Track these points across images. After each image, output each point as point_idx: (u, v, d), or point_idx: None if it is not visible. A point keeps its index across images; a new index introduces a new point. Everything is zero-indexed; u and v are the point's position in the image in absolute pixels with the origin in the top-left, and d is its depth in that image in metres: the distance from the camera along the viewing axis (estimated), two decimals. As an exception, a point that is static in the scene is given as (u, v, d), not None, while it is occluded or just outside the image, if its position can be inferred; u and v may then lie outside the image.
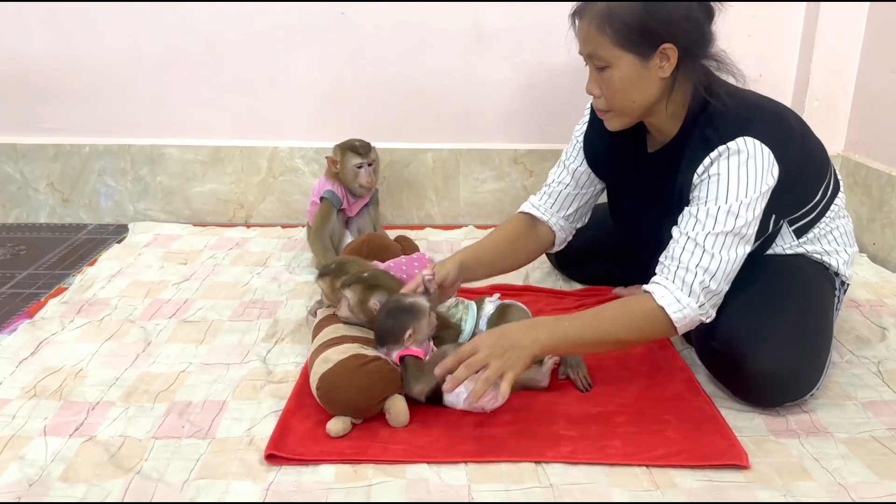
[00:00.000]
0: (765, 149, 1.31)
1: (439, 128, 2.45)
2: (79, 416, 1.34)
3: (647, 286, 1.33)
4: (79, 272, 2.04)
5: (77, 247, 2.28)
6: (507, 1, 2.29)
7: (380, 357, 1.34)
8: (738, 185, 1.30)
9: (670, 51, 1.30)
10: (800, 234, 1.47)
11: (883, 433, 1.31)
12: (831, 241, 1.50)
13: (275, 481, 1.18)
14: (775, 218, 1.42)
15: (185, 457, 1.23)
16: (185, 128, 2.44)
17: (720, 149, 1.31)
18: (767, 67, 2.36)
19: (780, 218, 1.44)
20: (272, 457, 1.22)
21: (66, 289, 1.91)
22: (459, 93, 2.40)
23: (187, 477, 1.18)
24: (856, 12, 2.24)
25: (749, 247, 1.34)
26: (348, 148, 1.97)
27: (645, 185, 1.50)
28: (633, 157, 1.53)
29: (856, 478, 1.19)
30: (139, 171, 2.47)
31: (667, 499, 1.14)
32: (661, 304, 1.29)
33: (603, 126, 1.45)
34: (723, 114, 1.34)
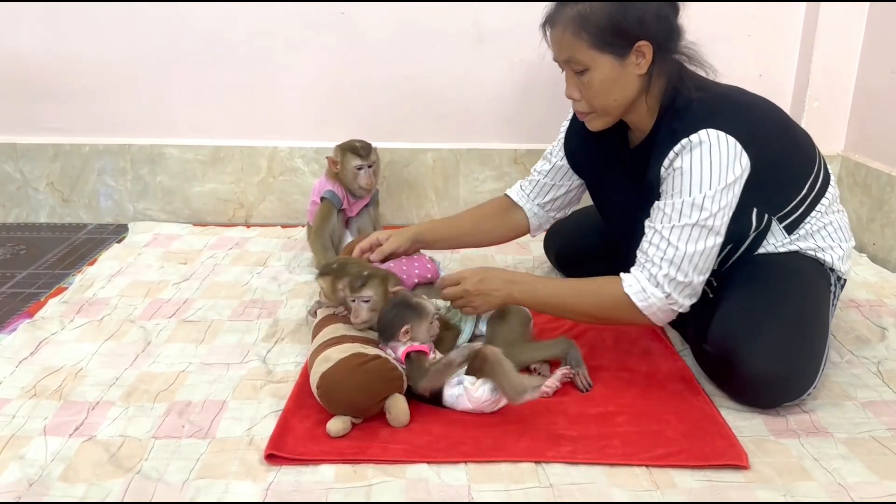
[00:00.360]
0: (729, 139, 1.32)
1: (439, 128, 2.45)
2: (79, 415, 1.34)
3: (624, 276, 1.40)
4: (79, 272, 2.04)
5: (77, 246, 2.28)
6: (507, 1, 2.29)
7: (380, 356, 1.34)
8: (702, 177, 1.32)
9: (645, 48, 1.34)
10: (791, 230, 1.47)
11: (883, 433, 1.31)
12: (825, 237, 1.49)
13: (275, 481, 1.18)
14: (758, 212, 1.42)
15: (185, 456, 1.23)
16: (185, 127, 2.45)
17: (683, 142, 1.34)
18: (767, 67, 2.36)
19: (763, 212, 1.43)
20: (272, 457, 1.22)
21: (66, 288, 1.91)
22: (459, 93, 2.40)
23: (187, 477, 1.18)
24: (856, 12, 2.24)
25: (719, 238, 1.36)
26: (349, 149, 1.97)
27: (628, 180, 1.52)
28: (616, 154, 1.56)
29: (855, 478, 1.19)
30: (139, 170, 2.47)
31: (667, 499, 1.14)
32: (628, 293, 1.36)
33: (584, 125, 1.49)
34: (689, 106, 1.37)
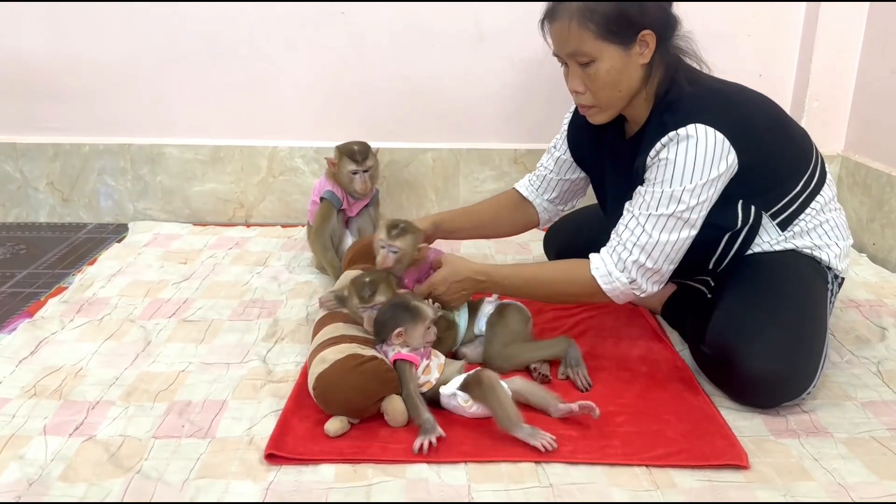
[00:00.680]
0: (718, 135, 1.33)
1: (439, 127, 2.45)
2: (78, 415, 1.34)
3: (592, 254, 1.43)
4: (79, 271, 2.04)
5: (77, 246, 2.28)
6: (507, 1, 2.29)
7: (377, 357, 1.33)
8: (684, 170, 1.33)
9: (649, 37, 1.36)
10: (784, 226, 1.46)
11: (882, 433, 1.31)
12: (821, 235, 1.49)
13: (275, 481, 1.18)
14: (744, 204, 1.42)
15: (185, 456, 1.23)
16: (185, 127, 2.45)
17: (671, 134, 1.34)
18: (767, 67, 2.36)
19: (749, 205, 1.42)
20: (272, 456, 1.22)
21: (66, 288, 1.91)
22: (459, 92, 2.40)
23: (187, 476, 1.18)
24: (856, 12, 2.24)
25: (694, 230, 1.38)
26: (345, 153, 1.96)
27: (622, 171, 1.53)
28: (613, 145, 1.57)
29: (855, 478, 1.19)
30: (139, 170, 2.47)
31: (666, 499, 1.14)
32: (594, 275, 1.40)
33: (585, 119, 1.50)
34: (681, 100, 1.38)
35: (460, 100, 2.41)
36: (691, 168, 1.33)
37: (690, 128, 1.33)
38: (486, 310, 1.53)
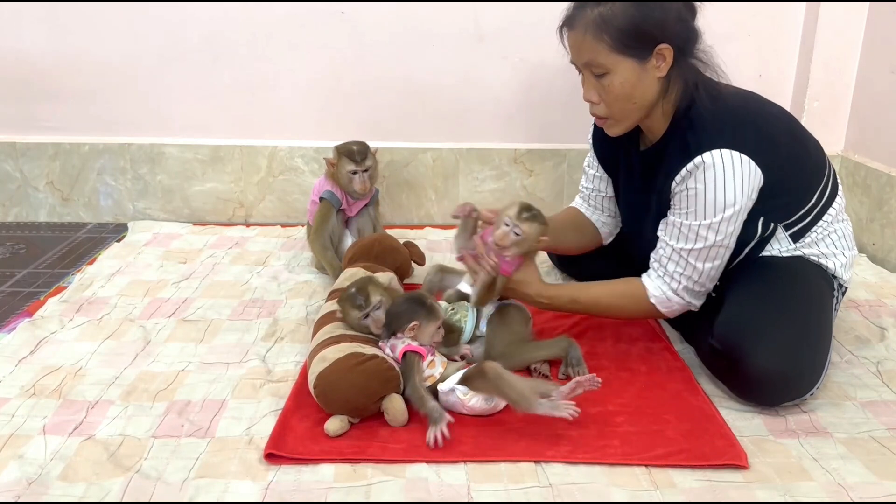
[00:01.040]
0: (743, 158, 1.33)
1: (439, 127, 2.45)
2: (78, 414, 1.34)
3: (644, 280, 1.48)
4: (78, 271, 2.04)
5: (76, 245, 2.28)
6: (507, 1, 2.29)
7: (377, 356, 1.34)
8: (716, 200, 1.34)
9: (666, 50, 1.34)
10: (797, 238, 1.48)
11: (882, 433, 1.31)
12: (829, 245, 1.50)
13: (274, 480, 1.18)
14: (764, 220, 1.43)
15: (185, 456, 1.23)
16: (185, 127, 2.44)
17: (696, 161, 1.34)
18: (767, 67, 2.36)
19: (769, 221, 1.44)
20: (272, 456, 1.22)
21: (66, 287, 1.91)
22: (459, 92, 2.40)
23: (187, 476, 1.18)
24: (856, 12, 2.24)
25: (729, 251, 1.42)
26: (345, 153, 1.96)
27: (635, 181, 1.54)
28: (628, 155, 1.56)
29: (855, 478, 1.19)
30: (139, 169, 2.47)
31: (666, 499, 1.14)
32: (654, 304, 1.47)
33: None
34: (703, 119, 1.37)
35: (460, 100, 2.41)
36: (723, 197, 1.34)
37: (716, 154, 1.32)
38: (486, 310, 1.53)
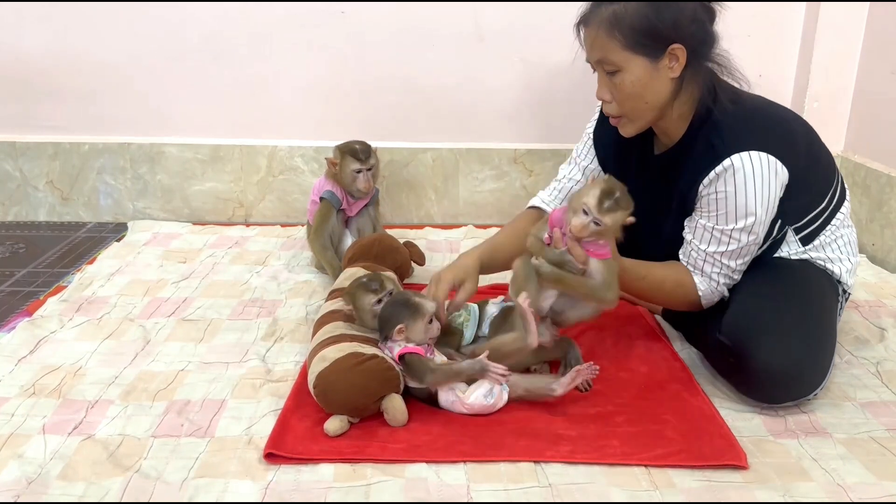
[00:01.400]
0: (770, 159, 1.33)
1: (439, 127, 2.45)
2: (78, 414, 1.34)
3: (695, 278, 1.47)
4: (78, 270, 2.04)
5: (76, 245, 2.28)
6: (508, 1, 2.29)
7: (377, 355, 1.33)
8: (747, 203, 1.35)
9: (679, 51, 1.33)
10: (806, 241, 1.48)
11: (881, 434, 1.31)
12: (835, 250, 1.51)
13: (274, 480, 1.18)
14: (780, 223, 1.44)
15: (184, 455, 1.23)
16: (185, 126, 2.44)
17: (725, 163, 1.33)
18: (767, 68, 2.36)
19: (785, 224, 1.45)
20: (271, 456, 1.22)
21: (66, 287, 1.91)
22: (459, 92, 2.40)
23: (186, 476, 1.18)
24: (856, 12, 2.24)
25: (759, 244, 1.43)
26: (348, 152, 1.96)
27: (649, 185, 1.52)
28: (640, 158, 1.55)
29: (854, 478, 1.19)
30: (138, 169, 2.46)
31: (666, 499, 1.14)
32: (701, 295, 1.48)
33: (612, 129, 1.48)
34: (727, 121, 1.36)
35: (460, 100, 2.41)
36: (753, 199, 1.35)
37: (745, 156, 1.33)
38: (489, 311, 1.53)
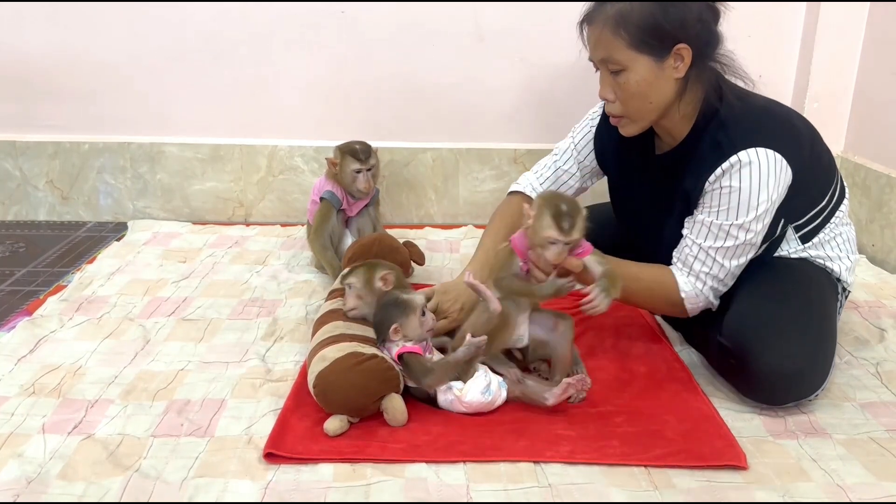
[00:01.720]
0: (776, 156, 1.33)
1: (439, 127, 2.45)
2: (77, 413, 1.34)
3: (678, 277, 1.44)
4: (78, 270, 2.04)
5: (76, 244, 2.28)
6: (508, 1, 2.29)
7: (377, 355, 1.34)
8: (750, 199, 1.34)
9: (685, 51, 1.33)
10: (805, 239, 1.49)
11: (881, 434, 1.31)
12: (834, 248, 1.51)
13: (273, 480, 1.18)
14: (783, 223, 1.44)
15: (184, 455, 1.23)
16: (185, 126, 2.44)
17: (732, 160, 1.33)
18: (767, 68, 2.35)
19: (787, 223, 1.45)
20: (271, 455, 1.22)
21: (65, 286, 1.91)
22: (459, 92, 2.40)
23: (186, 475, 1.18)
24: (856, 13, 2.24)
25: (756, 248, 1.41)
26: (348, 152, 1.96)
27: (651, 185, 1.52)
28: (641, 158, 1.55)
29: (854, 479, 1.19)
30: (138, 168, 2.46)
31: (665, 499, 1.14)
32: (684, 297, 1.45)
33: (613, 127, 1.48)
34: (734, 119, 1.36)
35: (460, 100, 2.41)
36: (756, 195, 1.34)
37: (752, 152, 1.32)
38: None
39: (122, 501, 1.12)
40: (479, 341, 1.32)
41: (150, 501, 1.13)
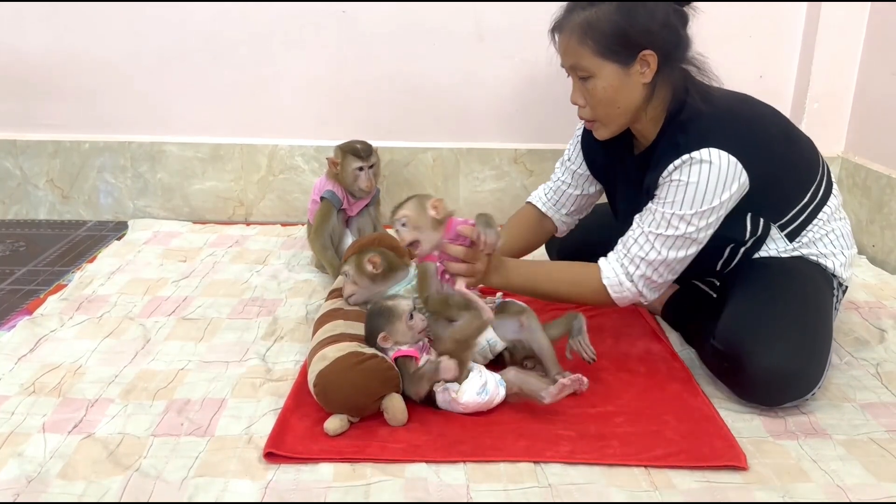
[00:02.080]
0: (731, 158, 1.34)
1: (439, 127, 2.45)
2: (78, 412, 1.34)
3: (601, 261, 1.46)
4: (78, 269, 2.04)
5: (76, 243, 2.28)
6: (508, 0, 2.29)
7: (377, 355, 1.34)
8: (696, 194, 1.35)
9: (650, 57, 1.35)
10: (792, 237, 1.48)
11: (881, 435, 1.31)
12: (827, 244, 1.50)
13: (273, 479, 1.18)
14: (752, 217, 1.44)
15: (184, 454, 1.23)
16: (185, 125, 2.44)
17: (685, 157, 1.35)
18: (768, 68, 2.36)
19: (759, 218, 1.44)
20: (271, 455, 1.22)
21: (66, 285, 1.91)
22: (459, 92, 2.40)
23: (186, 475, 1.18)
24: (857, 13, 2.24)
25: (700, 246, 1.41)
26: (349, 151, 1.96)
27: (631, 186, 1.55)
28: (622, 159, 1.58)
29: (854, 479, 1.19)
30: (139, 168, 2.46)
31: (665, 499, 1.14)
32: (606, 284, 1.44)
33: None
34: (694, 120, 1.38)
35: (460, 99, 2.41)
36: (703, 192, 1.34)
37: (704, 152, 1.34)
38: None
39: (122, 501, 1.12)
40: (435, 363, 1.32)
41: (150, 501, 1.13)
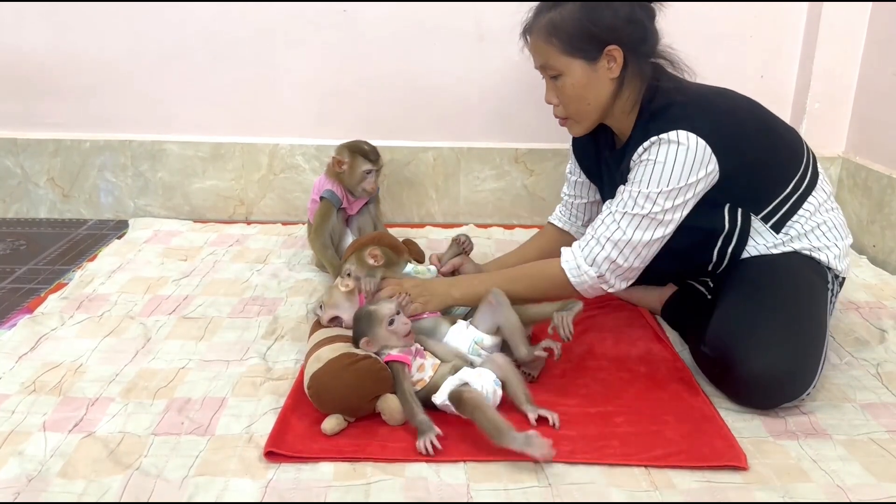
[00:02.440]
0: (700, 142, 1.35)
1: (440, 126, 2.45)
2: (78, 411, 1.34)
3: (563, 248, 1.47)
4: (79, 268, 2.04)
5: (77, 242, 2.28)
6: (508, 1, 2.29)
7: (370, 356, 1.34)
8: (662, 173, 1.36)
9: (616, 52, 1.39)
10: (778, 228, 1.47)
11: (881, 435, 1.31)
12: (819, 237, 1.50)
13: (274, 479, 1.18)
14: (731, 208, 1.44)
15: (185, 453, 1.23)
16: (186, 124, 2.44)
17: (653, 138, 1.37)
18: (769, 69, 2.36)
19: (737, 209, 1.44)
20: (271, 454, 1.22)
21: (66, 284, 1.91)
22: (459, 91, 2.40)
23: (186, 473, 1.18)
24: (858, 13, 2.23)
25: (668, 230, 1.40)
26: (359, 152, 1.96)
27: (614, 181, 1.55)
28: (605, 157, 1.61)
29: (854, 479, 1.19)
30: (139, 166, 2.46)
31: (665, 499, 1.14)
32: (563, 268, 1.44)
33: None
34: (666, 109, 1.40)
35: (461, 99, 2.41)
36: (669, 171, 1.36)
37: (673, 133, 1.36)
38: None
39: (123, 500, 1.13)
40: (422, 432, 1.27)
41: (151, 500, 1.13)
